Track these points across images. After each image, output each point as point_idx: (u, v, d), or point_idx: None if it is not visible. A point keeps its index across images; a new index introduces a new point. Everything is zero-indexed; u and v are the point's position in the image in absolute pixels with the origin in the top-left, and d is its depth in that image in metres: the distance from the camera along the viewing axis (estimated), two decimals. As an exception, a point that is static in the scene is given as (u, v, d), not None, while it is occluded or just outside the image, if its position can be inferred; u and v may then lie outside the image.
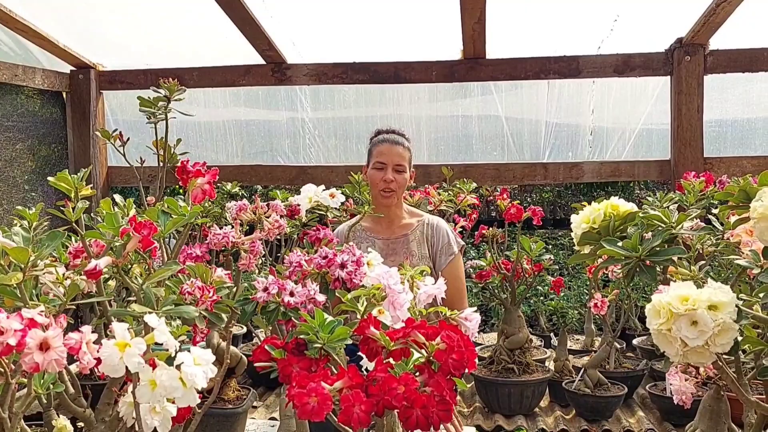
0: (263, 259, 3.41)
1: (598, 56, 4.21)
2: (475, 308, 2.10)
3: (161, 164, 2.92)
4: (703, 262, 2.61)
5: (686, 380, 2.32)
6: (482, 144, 4.45)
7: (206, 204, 3.34)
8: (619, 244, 1.45)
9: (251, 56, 4.32)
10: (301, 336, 1.53)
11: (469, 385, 3.63)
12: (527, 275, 3.23)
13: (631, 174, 4.31)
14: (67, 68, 4.42)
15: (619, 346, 3.54)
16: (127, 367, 1.37)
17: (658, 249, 1.44)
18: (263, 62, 4.35)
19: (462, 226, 3.32)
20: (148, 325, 1.46)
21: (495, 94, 4.41)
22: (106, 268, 1.61)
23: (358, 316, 1.82)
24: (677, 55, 4.10)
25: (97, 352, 1.44)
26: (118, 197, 1.80)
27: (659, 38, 4.15)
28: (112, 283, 2.08)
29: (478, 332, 4.68)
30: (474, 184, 3.66)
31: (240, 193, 4.01)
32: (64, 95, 4.44)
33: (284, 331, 1.95)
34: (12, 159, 4.00)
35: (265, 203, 2.56)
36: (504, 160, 4.42)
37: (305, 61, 4.35)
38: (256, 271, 2.83)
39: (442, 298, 2.09)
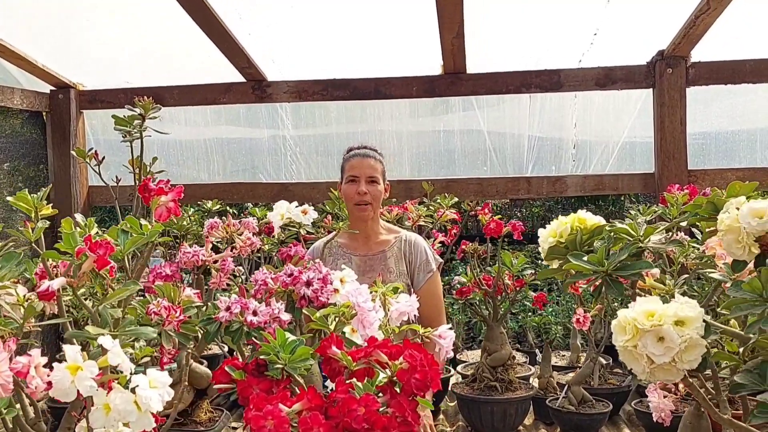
0: (243, 277, 3.37)
1: (579, 69, 4.19)
2: (450, 325, 2.06)
3: (137, 183, 2.90)
4: (686, 275, 2.58)
5: (665, 397, 2.28)
6: (465, 159, 4.42)
7: (184, 222, 3.31)
8: (585, 258, 1.42)
9: (232, 74, 4.29)
10: (262, 357, 1.49)
11: (452, 404, 3.59)
12: (509, 291, 3.19)
13: (615, 187, 4.28)
14: (46, 88, 4.38)
15: (605, 362, 3.49)
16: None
17: (625, 263, 1.40)
18: (243, 80, 4.32)
19: (441, 242, 3.28)
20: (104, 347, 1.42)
21: (477, 109, 4.39)
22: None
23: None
24: (659, 67, 4.09)
25: (48, 375, 1.39)
26: (79, 216, 1.76)
27: (641, 51, 4.13)
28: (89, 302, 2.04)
29: (465, 349, 4.64)
30: (455, 199, 3.64)
31: (231, 211, 3.97)
32: (44, 115, 4.40)
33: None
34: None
35: (238, 221, 2.53)
36: (487, 174, 4.39)
37: (285, 78, 4.33)
38: (236, 290, 2.79)
39: (416, 316, 2.06)
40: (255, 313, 1.65)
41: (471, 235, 5.03)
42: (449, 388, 3.43)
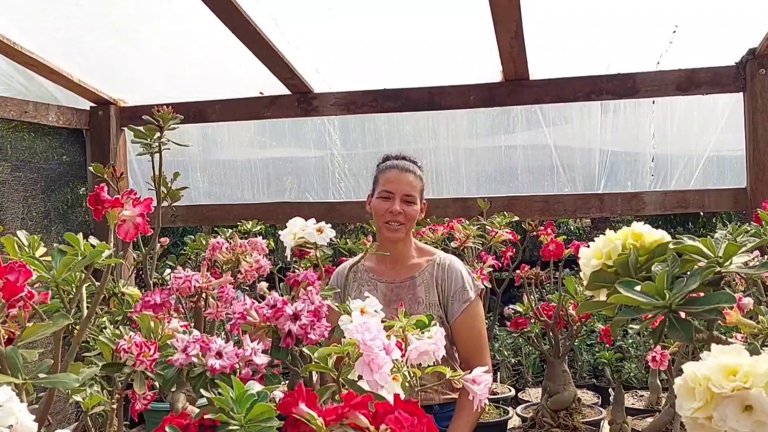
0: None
1: (657, 72, 3.73)
2: (487, 367, 1.69)
3: (159, 202, 2.66)
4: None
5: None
6: (529, 175, 4.00)
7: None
8: (638, 288, 1.02)
9: (277, 89, 4.03)
10: (208, 416, 1.15)
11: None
12: (573, 322, 2.76)
13: (701, 205, 3.78)
14: (87, 105, 4.23)
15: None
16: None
17: (695, 295, 1.00)
18: (288, 92, 4.05)
19: (491, 266, 2.87)
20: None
21: (542, 119, 3.97)
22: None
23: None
24: (750, 68, 3.59)
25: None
26: (22, 233, 1.47)
27: (728, 50, 3.64)
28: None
29: (530, 386, 4.20)
30: (515, 218, 3.25)
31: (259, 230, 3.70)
32: (84, 133, 4.25)
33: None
34: (24, 199, 3.80)
35: (246, 240, 2.21)
36: (553, 191, 3.95)
37: (332, 90, 4.03)
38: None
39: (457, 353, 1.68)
40: (219, 355, 1.31)
41: (535, 259, 4.60)
42: (505, 434, 3.02)
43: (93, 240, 1.38)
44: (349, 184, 4.15)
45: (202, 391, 1.25)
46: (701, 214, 6.17)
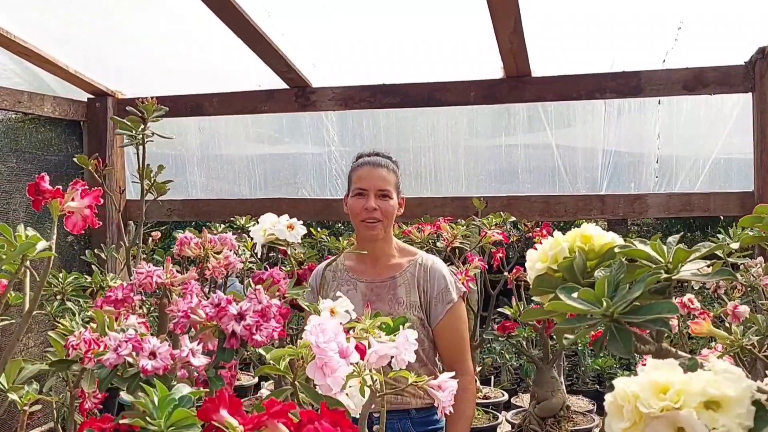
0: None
1: (663, 71, 3.61)
2: (453, 373, 1.61)
3: (143, 195, 2.62)
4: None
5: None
6: (529, 174, 3.91)
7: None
8: (576, 294, 0.94)
9: (274, 82, 3.97)
10: (125, 421, 1.08)
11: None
12: (563, 327, 2.67)
13: (706, 208, 3.65)
14: (84, 96, 4.19)
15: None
16: None
17: (640, 303, 0.92)
18: (286, 86, 3.99)
19: (477, 267, 2.78)
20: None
21: (543, 117, 3.87)
22: None
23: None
24: (760, 67, 3.47)
25: None
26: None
27: (737, 48, 3.52)
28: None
29: (523, 392, 4.10)
30: (511, 218, 3.16)
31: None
32: (81, 124, 4.21)
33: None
34: (18, 191, 3.77)
35: (216, 236, 2.15)
36: (555, 191, 3.85)
37: (330, 84, 3.96)
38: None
39: (420, 357, 1.61)
40: (153, 355, 1.25)
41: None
42: (493, 440, 2.93)
43: (29, 231, 1.32)
44: (346, 181, 4.08)
45: (122, 394, 1.18)
46: (721, 218, 6.02)
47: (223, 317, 1.36)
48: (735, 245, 1.03)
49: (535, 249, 1.09)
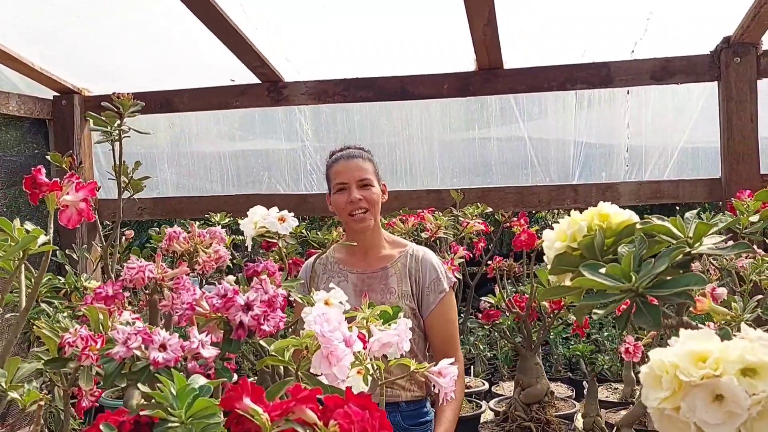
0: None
1: (632, 61, 3.68)
2: (452, 360, 1.62)
3: (120, 192, 2.58)
4: (761, 296, 2.05)
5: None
6: (503, 166, 3.94)
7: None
8: (603, 270, 0.95)
9: (246, 77, 3.94)
10: (145, 413, 1.07)
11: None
12: (546, 314, 2.71)
13: (675, 195, 3.73)
14: (50, 94, 4.10)
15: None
16: None
17: (664, 277, 0.94)
18: (258, 81, 3.96)
19: (461, 257, 2.81)
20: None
21: (516, 109, 3.91)
22: None
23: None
24: (725, 56, 3.55)
25: None
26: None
27: (703, 38, 3.60)
28: None
29: (504, 379, 4.14)
30: (489, 209, 3.19)
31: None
32: (47, 123, 4.12)
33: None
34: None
35: (206, 230, 2.13)
36: (528, 182, 3.90)
37: (303, 78, 3.94)
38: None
39: (411, 347, 1.61)
40: (163, 348, 1.23)
41: (510, 251, 4.54)
42: (477, 429, 2.95)
43: (28, 225, 1.29)
44: (321, 176, 4.07)
45: (139, 385, 1.16)
46: (678, 206, 6.14)
47: (231, 308, 1.35)
48: (754, 218, 1.06)
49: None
